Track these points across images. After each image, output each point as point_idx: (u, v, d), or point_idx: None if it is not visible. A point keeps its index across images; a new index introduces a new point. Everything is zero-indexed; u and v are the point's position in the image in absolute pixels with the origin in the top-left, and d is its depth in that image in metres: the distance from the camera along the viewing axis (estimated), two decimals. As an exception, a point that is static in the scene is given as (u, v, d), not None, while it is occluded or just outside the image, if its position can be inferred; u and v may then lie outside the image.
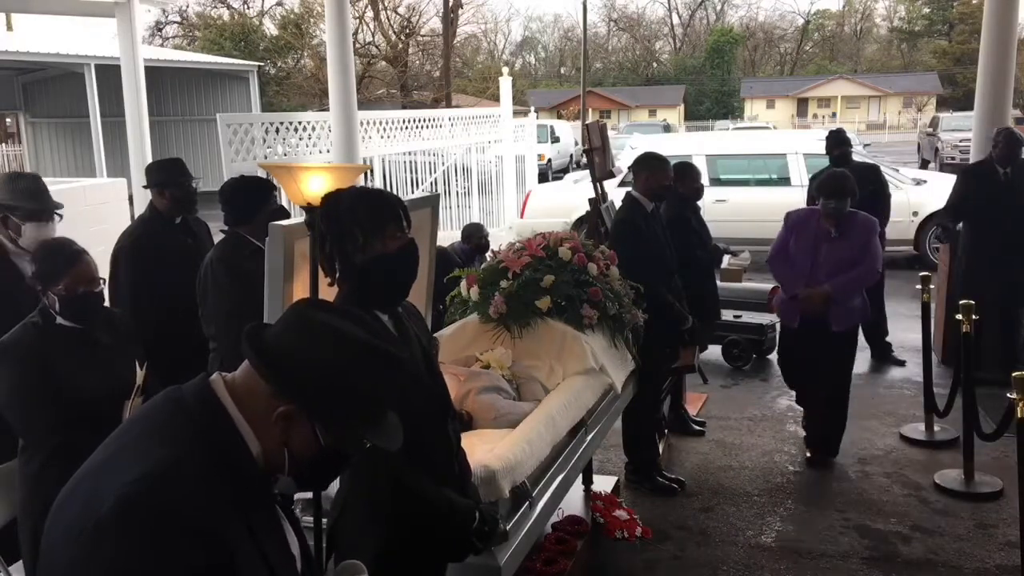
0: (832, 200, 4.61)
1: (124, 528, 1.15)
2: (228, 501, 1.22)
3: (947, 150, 22.23)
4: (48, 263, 2.77)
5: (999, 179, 5.82)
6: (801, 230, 4.77)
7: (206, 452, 1.24)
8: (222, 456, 1.26)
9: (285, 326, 1.36)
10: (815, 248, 4.68)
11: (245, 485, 1.27)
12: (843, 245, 4.65)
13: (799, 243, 4.75)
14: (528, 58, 69.09)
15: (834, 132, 6.68)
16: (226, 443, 1.27)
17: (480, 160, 12.08)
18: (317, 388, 1.28)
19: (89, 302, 2.78)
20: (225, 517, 1.21)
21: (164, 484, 1.18)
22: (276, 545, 1.32)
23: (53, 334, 2.75)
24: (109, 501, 1.17)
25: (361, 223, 2.00)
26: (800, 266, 4.72)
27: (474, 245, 6.11)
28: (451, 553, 2.20)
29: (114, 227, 5.40)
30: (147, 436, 1.27)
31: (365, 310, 2.06)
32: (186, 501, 1.18)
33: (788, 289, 4.80)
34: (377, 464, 1.99)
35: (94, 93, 16.18)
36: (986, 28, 6.33)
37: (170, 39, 45.13)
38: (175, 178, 4.05)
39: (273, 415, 1.28)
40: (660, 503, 4.45)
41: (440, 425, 2.18)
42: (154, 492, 1.17)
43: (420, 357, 2.15)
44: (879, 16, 64.19)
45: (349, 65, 7.33)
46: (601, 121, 6.60)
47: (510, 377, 3.45)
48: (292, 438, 1.30)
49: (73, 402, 2.68)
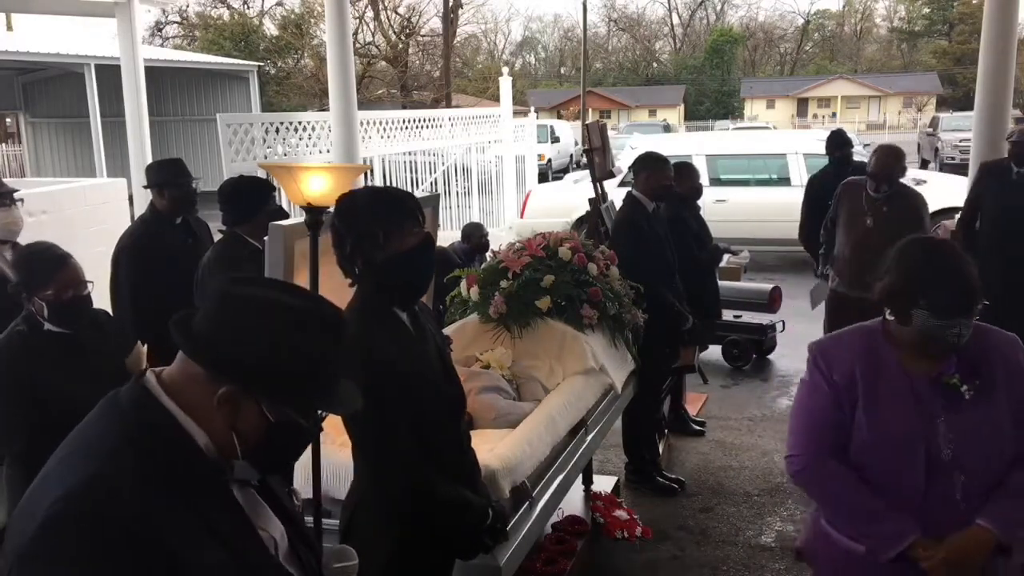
0: (960, 315, 1.98)
1: (48, 552, 1.12)
2: (170, 503, 1.18)
3: (947, 150, 22.22)
4: (32, 269, 2.71)
5: (1010, 179, 5.79)
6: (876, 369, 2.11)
7: (140, 455, 1.20)
8: (160, 455, 1.21)
9: (211, 307, 1.30)
10: (930, 421, 2.04)
11: (191, 480, 1.23)
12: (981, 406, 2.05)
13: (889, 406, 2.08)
14: (528, 58, 69.12)
15: (835, 132, 6.65)
16: (163, 440, 1.23)
17: (480, 160, 12.09)
18: (254, 363, 1.24)
19: (78, 306, 2.73)
20: (166, 520, 1.16)
21: (87, 500, 1.14)
22: (241, 533, 1.28)
23: (39, 342, 2.70)
24: (33, 525, 1.14)
25: (381, 222, 2.03)
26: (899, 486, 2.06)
27: (474, 245, 6.11)
28: (462, 551, 2.20)
29: (114, 227, 5.40)
30: (79, 449, 1.23)
31: (385, 309, 2.07)
32: (112, 513, 1.14)
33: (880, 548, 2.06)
34: (393, 463, 2.00)
35: (94, 93, 16.17)
36: (986, 28, 6.33)
37: (170, 39, 45.13)
38: (174, 178, 4.05)
39: (214, 400, 1.24)
40: (660, 503, 4.45)
41: (454, 424, 2.20)
42: (76, 510, 1.13)
43: (435, 356, 2.16)
44: (879, 16, 64.30)
45: (349, 65, 7.33)
46: (601, 121, 6.61)
47: (510, 377, 3.46)
48: (239, 420, 1.26)
49: (62, 410, 2.65)
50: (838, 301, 5.02)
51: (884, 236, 4.23)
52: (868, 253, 4.35)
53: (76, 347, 2.75)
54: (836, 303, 5.07)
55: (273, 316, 1.27)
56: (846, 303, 4.85)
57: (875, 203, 4.80)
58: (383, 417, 1.99)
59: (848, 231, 4.94)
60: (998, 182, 5.77)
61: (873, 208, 4.80)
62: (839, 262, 5.02)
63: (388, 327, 2.06)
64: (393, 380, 2.00)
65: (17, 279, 2.76)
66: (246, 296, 1.29)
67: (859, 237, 4.82)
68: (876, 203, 4.80)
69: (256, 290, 1.31)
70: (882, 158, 4.81)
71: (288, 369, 1.26)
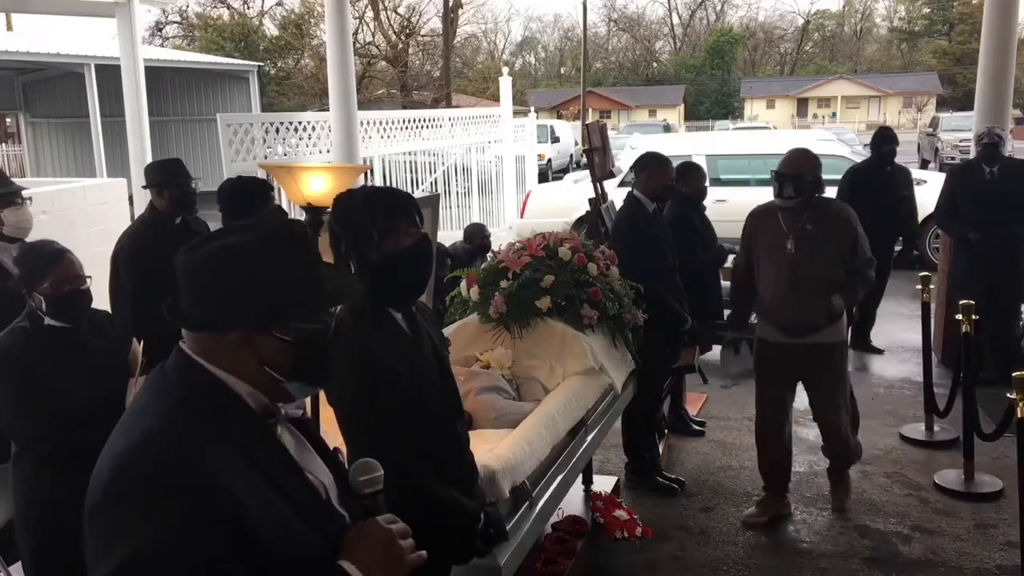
0: None
1: (117, 501, 1.19)
2: (224, 452, 1.24)
3: (947, 150, 22.24)
4: (30, 264, 2.75)
5: (984, 178, 5.85)
6: None
7: (191, 412, 1.27)
8: (209, 409, 1.29)
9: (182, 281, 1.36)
10: None
11: (241, 429, 1.30)
12: None
13: None
14: (528, 58, 69.14)
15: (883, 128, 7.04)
16: (210, 396, 1.31)
17: (480, 160, 12.09)
18: (241, 307, 1.30)
19: (76, 300, 2.75)
20: (223, 469, 1.22)
21: (147, 452, 1.21)
22: (293, 477, 1.34)
23: (42, 337, 2.72)
24: (102, 479, 1.22)
25: (376, 222, 2.02)
26: None
27: (476, 246, 6.12)
28: (455, 555, 2.19)
29: (114, 227, 5.40)
30: (136, 412, 1.31)
31: (380, 309, 2.07)
32: (172, 462, 1.20)
33: None
34: (387, 464, 1.99)
35: (94, 93, 16.17)
36: (986, 28, 6.33)
37: (170, 39, 45.12)
38: (173, 178, 4.05)
39: (232, 349, 1.31)
40: (660, 503, 4.45)
41: (450, 425, 2.19)
42: (138, 461, 1.21)
43: (431, 357, 2.15)
44: (879, 16, 64.30)
45: (349, 65, 7.33)
46: (601, 121, 6.61)
47: (510, 377, 3.46)
48: (263, 354, 1.33)
49: (65, 405, 2.67)
50: (770, 353, 4.17)
51: (810, 261, 3.94)
52: (797, 289, 3.95)
53: (77, 343, 2.77)
54: (768, 355, 4.19)
55: (232, 260, 1.32)
56: (779, 354, 4.10)
57: (795, 223, 3.98)
58: (376, 418, 1.98)
59: (770, 265, 4.09)
60: (972, 180, 5.92)
61: (794, 229, 3.98)
62: (763, 305, 4.15)
63: (383, 327, 2.06)
64: (387, 381, 1.99)
65: (18, 274, 2.80)
66: (202, 256, 1.33)
67: (783, 269, 4.01)
68: (797, 223, 3.98)
69: (208, 246, 1.35)
70: (791, 159, 4.04)
71: (273, 295, 1.32)
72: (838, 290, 3.96)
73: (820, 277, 3.97)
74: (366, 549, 1.34)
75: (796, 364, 4.10)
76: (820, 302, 3.94)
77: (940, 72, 51.72)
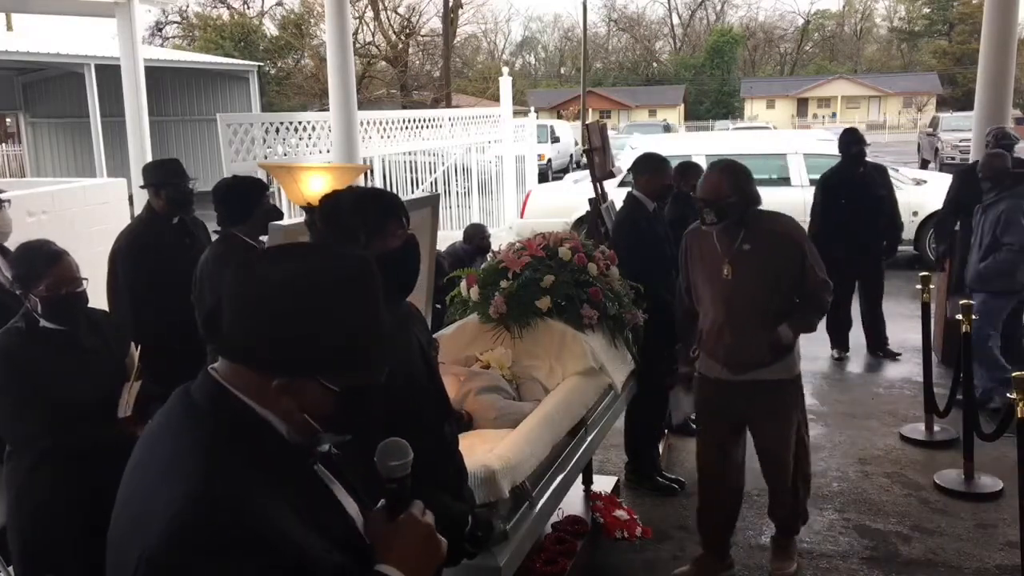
0: None
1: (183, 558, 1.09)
2: (272, 493, 1.15)
3: (947, 150, 22.23)
4: (27, 265, 2.73)
5: None
6: None
7: (235, 452, 1.17)
8: (251, 448, 1.18)
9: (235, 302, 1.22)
10: None
11: (284, 469, 1.20)
12: None
13: None
14: (528, 58, 69.14)
15: (849, 130, 6.75)
16: (251, 433, 1.20)
17: (480, 160, 12.10)
18: (295, 353, 1.18)
19: (72, 302, 2.74)
20: (277, 512, 1.14)
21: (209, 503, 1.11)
22: (332, 512, 1.27)
23: (37, 338, 2.71)
24: (158, 530, 1.10)
25: (364, 222, 2.01)
26: None
27: (476, 246, 6.12)
28: None
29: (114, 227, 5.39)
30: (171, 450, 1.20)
31: None
32: (235, 512, 1.11)
33: None
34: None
35: (94, 93, 16.17)
36: (986, 28, 6.34)
37: (170, 39, 45.14)
38: (171, 178, 4.05)
39: (271, 389, 1.19)
40: (660, 503, 4.45)
41: (436, 427, 2.18)
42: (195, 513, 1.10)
43: (418, 358, 2.14)
44: (879, 16, 64.29)
45: (349, 65, 7.34)
46: (601, 121, 6.61)
47: (510, 377, 3.45)
48: (303, 401, 1.21)
49: (61, 406, 2.66)
50: (710, 390, 3.63)
51: (750, 287, 3.39)
52: (736, 318, 3.41)
53: (74, 344, 2.77)
54: (708, 392, 3.66)
55: (302, 296, 1.18)
56: (721, 391, 3.56)
57: (731, 244, 3.42)
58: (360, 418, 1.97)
59: (708, 291, 3.55)
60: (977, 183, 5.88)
61: (730, 251, 3.42)
62: (702, 336, 3.61)
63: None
64: None
65: (12, 275, 2.79)
66: (264, 283, 1.20)
67: (719, 296, 3.48)
68: (733, 244, 3.42)
69: (272, 270, 1.21)
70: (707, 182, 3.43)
71: (339, 343, 1.20)
72: (786, 319, 3.40)
73: (761, 305, 3.39)
74: (407, 547, 1.27)
75: (739, 403, 3.52)
76: (763, 333, 3.38)
77: (940, 72, 51.73)
